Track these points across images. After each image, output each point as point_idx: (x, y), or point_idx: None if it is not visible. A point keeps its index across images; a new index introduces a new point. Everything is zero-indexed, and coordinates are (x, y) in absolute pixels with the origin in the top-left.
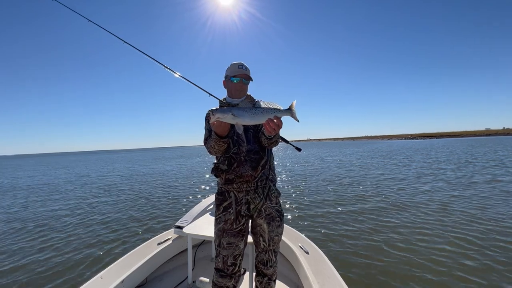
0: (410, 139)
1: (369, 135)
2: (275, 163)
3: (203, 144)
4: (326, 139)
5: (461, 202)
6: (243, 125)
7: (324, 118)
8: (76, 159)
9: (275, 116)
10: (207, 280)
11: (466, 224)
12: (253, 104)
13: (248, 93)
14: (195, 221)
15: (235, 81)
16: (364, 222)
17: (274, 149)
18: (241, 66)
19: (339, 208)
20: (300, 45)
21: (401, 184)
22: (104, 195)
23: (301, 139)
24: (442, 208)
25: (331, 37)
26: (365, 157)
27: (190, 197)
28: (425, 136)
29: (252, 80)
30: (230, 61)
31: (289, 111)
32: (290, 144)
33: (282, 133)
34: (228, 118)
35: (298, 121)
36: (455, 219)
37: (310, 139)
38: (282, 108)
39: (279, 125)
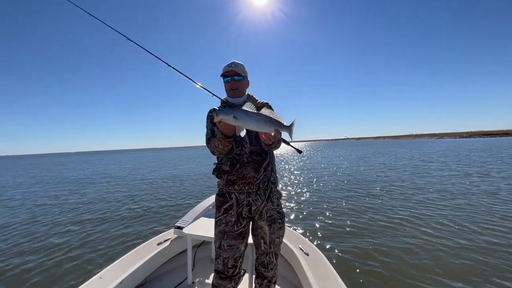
0: (465, 137)
1: (414, 133)
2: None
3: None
4: (365, 138)
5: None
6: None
7: (364, 117)
8: (116, 157)
9: (275, 129)
10: (206, 281)
11: None
12: (257, 108)
13: (250, 93)
14: (195, 222)
15: (227, 80)
16: (366, 225)
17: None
18: (231, 64)
19: (341, 210)
20: (324, 41)
21: (421, 194)
22: (106, 194)
23: (338, 138)
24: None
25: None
26: (402, 158)
27: (190, 197)
28: (485, 134)
29: (243, 76)
30: (257, 60)
31: (289, 128)
32: (291, 146)
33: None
34: (230, 120)
35: (291, 140)
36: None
37: (348, 138)
38: (284, 123)
39: (276, 136)
